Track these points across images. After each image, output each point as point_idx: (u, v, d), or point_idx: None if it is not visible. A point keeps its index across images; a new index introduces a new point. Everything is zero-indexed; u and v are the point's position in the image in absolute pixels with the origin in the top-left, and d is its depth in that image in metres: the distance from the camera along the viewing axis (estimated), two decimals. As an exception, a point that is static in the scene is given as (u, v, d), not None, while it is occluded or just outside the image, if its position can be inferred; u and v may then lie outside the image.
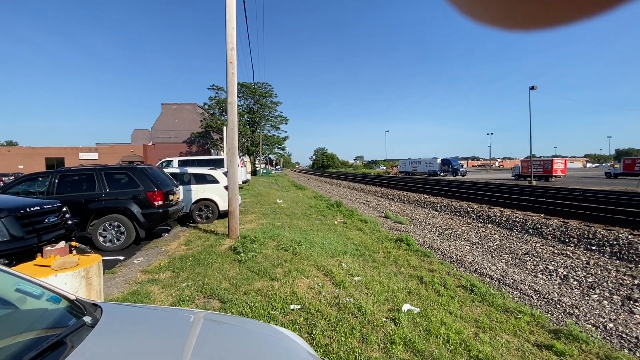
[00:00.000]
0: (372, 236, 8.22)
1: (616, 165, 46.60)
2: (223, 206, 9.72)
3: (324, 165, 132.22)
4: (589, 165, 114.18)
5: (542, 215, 10.79)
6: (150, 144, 47.59)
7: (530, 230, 9.23)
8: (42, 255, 3.18)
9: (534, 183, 28.35)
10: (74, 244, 3.48)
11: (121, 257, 6.26)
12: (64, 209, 5.27)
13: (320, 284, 4.55)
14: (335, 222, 10.35)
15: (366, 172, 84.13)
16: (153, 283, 4.70)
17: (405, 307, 3.96)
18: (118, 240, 6.83)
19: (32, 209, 4.55)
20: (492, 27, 0.33)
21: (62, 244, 3.33)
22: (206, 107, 48.03)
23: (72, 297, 1.78)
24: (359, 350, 2.97)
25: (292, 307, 3.81)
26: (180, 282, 4.72)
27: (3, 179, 33.61)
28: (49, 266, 3.03)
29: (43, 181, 6.88)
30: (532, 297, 4.78)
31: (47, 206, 4.85)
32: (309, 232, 8.11)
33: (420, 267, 5.79)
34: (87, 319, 1.60)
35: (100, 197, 6.82)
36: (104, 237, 6.79)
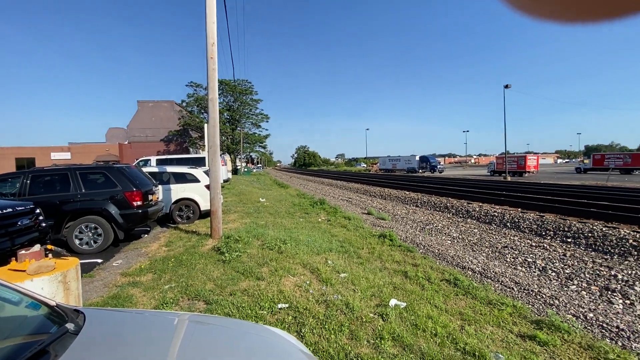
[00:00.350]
0: (356, 233, 8.29)
1: (585, 161, 49.13)
2: (204, 206, 9.51)
3: (305, 163, 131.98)
4: (559, 160, 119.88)
5: (519, 209, 11.23)
6: (126, 142, 45.88)
7: (508, 224, 9.58)
8: (16, 260, 3.00)
9: (509, 179, 29.48)
10: (49, 247, 3.31)
11: (99, 260, 6.01)
12: (38, 210, 5.00)
13: (307, 282, 4.55)
14: (320, 219, 10.36)
15: (348, 169, 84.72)
16: (134, 286, 4.54)
17: (392, 302, 4.02)
18: (95, 242, 6.55)
19: (4, 211, 4.28)
20: (540, 18, 0.34)
21: (37, 247, 3.16)
22: (184, 104, 46.78)
23: (53, 303, 1.69)
24: (349, 347, 2.99)
25: (279, 306, 3.79)
26: (163, 284, 4.59)
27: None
28: (24, 271, 2.86)
29: (14, 182, 6.49)
30: (513, 289, 4.97)
31: (20, 208, 4.58)
32: (294, 230, 8.08)
33: (404, 262, 5.89)
34: (70, 325, 1.52)
35: (76, 198, 6.51)
36: (80, 239, 6.50)
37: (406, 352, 2.97)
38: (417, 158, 54.16)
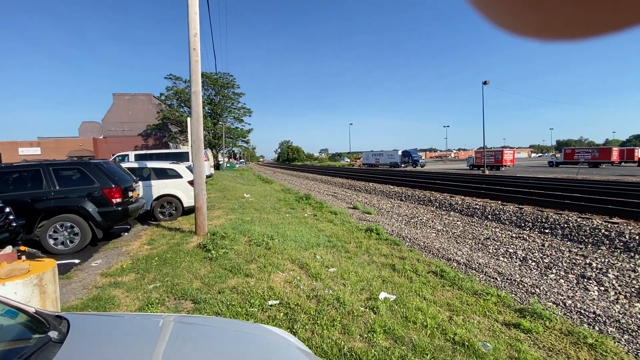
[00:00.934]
0: (343, 227, 8.31)
1: (557, 155, 51.33)
2: (187, 202, 9.27)
3: (289, 158, 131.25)
4: (533, 155, 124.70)
5: (499, 202, 11.59)
6: (101, 137, 44.01)
7: (489, 216, 9.87)
8: (-16, 263, 2.79)
9: (487, 172, 30.38)
10: (22, 248, 3.10)
11: (76, 260, 5.74)
12: (7, 209, 4.69)
13: (297, 278, 4.51)
14: (306, 214, 10.32)
15: (332, 164, 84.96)
16: (116, 287, 4.36)
17: (382, 295, 4.05)
18: (72, 242, 6.24)
19: (-33, 211, 3.99)
20: (520, 36, 0.33)
21: (8, 248, 2.96)
22: (163, 97, 45.27)
23: (32, 310, 1.57)
24: (342, 342, 2.98)
25: (270, 302, 3.73)
26: (147, 284, 4.43)
27: None
28: (-7, 275, 2.67)
29: (-22, 179, 6.07)
30: (496, 279, 5.12)
31: (-14, 207, 4.28)
32: (280, 226, 8.01)
33: (391, 255, 5.95)
34: (53, 334, 1.41)
35: (49, 195, 6.16)
36: (55, 239, 6.17)
37: (398, 345, 2.99)
38: (400, 153, 54.94)
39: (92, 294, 4.16)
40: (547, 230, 8.03)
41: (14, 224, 4.73)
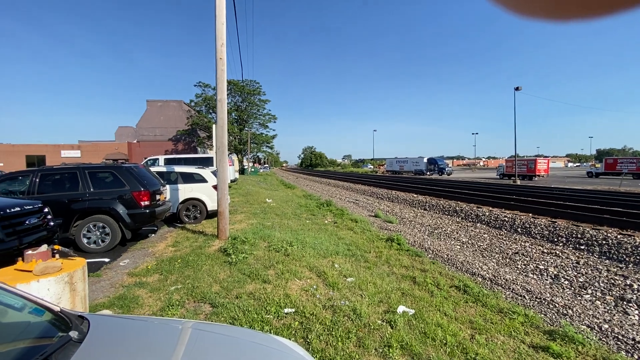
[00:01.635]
0: (363, 236, 8.21)
1: (597, 165, 48.13)
2: (211, 206, 9.52)
3: (312, 164, 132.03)
4: (570, 164, 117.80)
5: (529, 214, 11.01)
6: (135, 141, 46.40)
7: (519, 229, 9.39)
8: (23, 260, 3.00)
9: (519, 182, 29.02)
10: (56, 247, 3.30)
11: (106, 259, 6.03)
12: (46, 209, 5.03)
13: (313, 286, 4.48)
14: (326, 221, 10.30)
15: (354, 171, 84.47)
16: (141, 286, 4.53)
17: (400, 308, 3.94)
18: (103, 241, 6.58)
19: (12, 210, 4.31)
20: (531, 17, 0.33)
21: (44, 247, 3.16)
22: (192, 104, 47.15)
23: (57, 309, 1.65)
24: (357, 355, 2.92)
25: (286, 310, 3.73)
26: (169, 285, 4.57)
27: (-21, 177, 32.20)
28: (30, 271, 2.85)
29: (23, 180, 6.56)
30: (524, 297, 4.84)
31: (28, 207, 4.61)
32: (300, 232, 8.03)
33: (412, 267, 5.79)
34: (74, 333, 1.48)
35: (84, 197, 6.55)
36: (88, 238, 6.54)
37: (415, 362, 2.89)
38: (425, 160, 53.74)
39: (119, 292, 4.35)
40: (582, 247, 7.51)
41: (52, 223, 5.06)
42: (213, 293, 4.20)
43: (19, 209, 4.42)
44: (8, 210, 4.26)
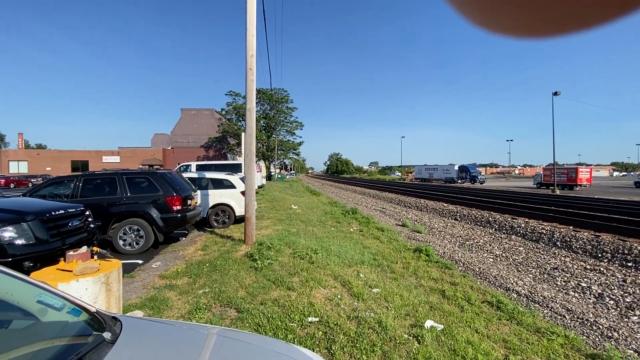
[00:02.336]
0: (390, 245, 8.03)
1: (647, 175, 44.27)
2: (239, 211, 9.74)
3: (338, 170, 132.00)
4: (615, 173, 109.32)
5: (570, 227, 10.28)
6: (169, 148, 48.76)
7: (558, 243, 8.79)
8: (64, 260, 3.20)
9: (558, 192, 27.30)
10: (95, 249, 3.50)
11: (140, 261, 6.32)
12: (87, 212, 5.36)
13: (338, 296, 4.43)
14: (351, 229, 10.20)
15: (381, 178, 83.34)
16: (170, 289, 4.69)
17: (428, 323, 3.78)
18: (137, 244, 6.91)
19: (57, 212, 4.64)
20: (499, 34, 0.32)
21: (84, 249, 3.35)
22: (223, 112, 48.90)
23: (93, 310, 1.74)
24: (382, 370, 2.83)
25: (309, 319, 3.70)
26: (197, 288, 4.69)
27: (32, 180, 35.19)
28: (71, 271, 3.04)
29: (68, 184, 7.07)
30: (564, 316, 4.49)
31: (71, 210, 4.95)
32: (325, 240, 8.00)
33: (441, 279, 5.57)
34: (107, 334, 1.55)
35: (122, 201, 6.94)
36: (124, 240, 6.89)
37: (444, 382, 2.75)
38: (456, 168, 52.04)
39: (150, 294, 4.53)
40: (630, 264, 6.88)
41: (92, 226, 5.39)
42: (239, 298, 4.26)
43: (63, 211, 4.75)
44: (53, 213, 4.59)
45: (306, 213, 13.28)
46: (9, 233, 4.01)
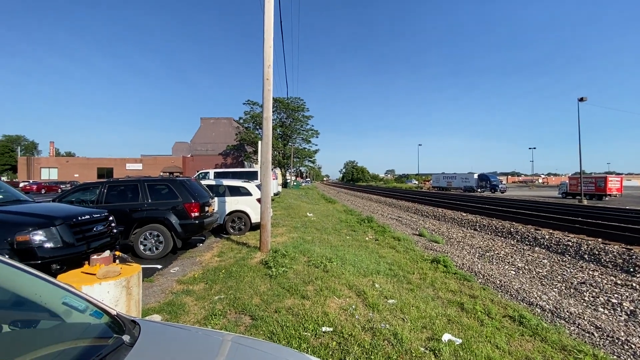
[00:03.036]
0: (406, 255, 7.89)
1: (683, 185, 41.71)
2: (255, 218, 9.84)
3: (354, 178, 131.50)
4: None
5: (599, 239, 9.79)
6: (189, 155, 50.11)
7: (585, 256, 8.37)
8: (89, 263, 3.32)
9: (585, 202, 26.12)
10: (117, 253, 3.62)
11: (159, 266, 6.47)
12: (111, 218, 5.57)
13: (352, 306, 4.37)
14: (367, 238, 10.10)
15: (397, 186, 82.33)
16: (187, 294, 4.77)
17: (446, 337, 3.67)
18: (157, 249, 7.09)
19: (83, 217, 4.84)
20: None
21: (107, 253, 3.47)
22: (241, 121, 49.94)
23: (114, 313, 1.80)
24: (397, 384, 2.76)
25: (324, 329, 3.67)
26: (213, 294, 4.75)
27: (61, 186, 36.95)
28: (94, 274, 3.15)
29: (94, 191, 7.37)
30: (593, 334, 4.26)
31: (96, 215, 5.15)
32: (340, 248, 7.95)
33: (460, 292, 5.42)
34: (126, 337, 1.59)
35: (143, 207, 7.16)
36: (144, 245, 7.09)
37: (462, 399, 2.65)
38: (476, 176, 50.82)
39: (168, 298, 4.62)
40: (667, 280, 6.46)
41: (115, 231, 5.58)
42: (253, 305, 4.28)
43: (88, 216, 4.95)
44: (80, 218, 4.79)
45: (321, 221, 13.27)
46: (39, 237, 4.21)
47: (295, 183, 53.15)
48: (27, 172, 50.14)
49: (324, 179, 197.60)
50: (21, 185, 34.92)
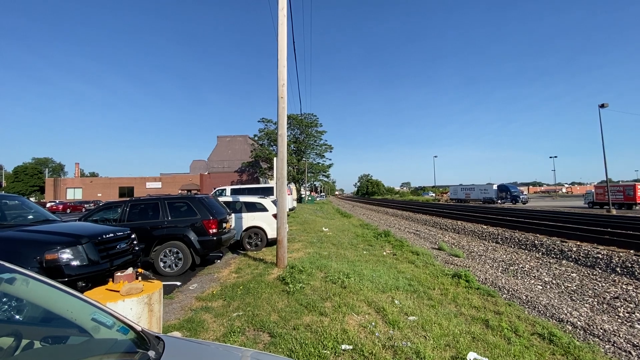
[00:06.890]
0: (426, 270, 7.69)
1: None
2: (271, 234, 9.88)
3: (368, 192, 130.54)
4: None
5: (631, 251, 9.28)
6: (206, 173, 51.25)
7: (618, 269, 7.93)
8: (113, 281, 3.41)
9: (614, 212, 24.90)
10: (139, 270, 3.71)
11: (178, 283, 6.55)
12: (133, 236, 5.73)
13: (372, 323, 4.28)
14: (384, 253, 9.93)
15: (414, 199, 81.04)
16: (206, 311, 4.79)
17: (471, 355, 3.53)
18: (176, 266, 7.20)
19: (107, 236, 5.00)
20: None
21: (130, 270, 3.57)
22: (256, 138, 50.96)
23: (139, 329, 1.84)
24: (421, 405, 2.66)
25: (343, 347, 3.60)
26: (232, 311, 4.76)
27: (85, 206, 38.38)
28: (118, 291, 3.23)
29: (116, 209, 7.63)
30: (630, 353, 3.99)
31: (119, 233, 5.31)
32: (357, 264, 7.84)
33: (484, 308, 5.21)
34: (152, 353, 1.62)
35: (163, 224, 7.33)
36: (164, 262, 7.22)
37: (492, 422, 2.52)
38: (495, 187, 49.54)
39: (187, 315, 4.66)
40: None
41: (137, 248, 5.72)
42: (271, 322, 4.25)
43: (112, 235, 5.12)
44: (104, 236, 4.95)
45: (337, 236, 13.17)
46: (66, 255, 4.36)
47: (309, 198, 53.23)
48: (54, 192, 52.45)
49: (337, 192, 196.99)
50: (48, 205, 36.54)
